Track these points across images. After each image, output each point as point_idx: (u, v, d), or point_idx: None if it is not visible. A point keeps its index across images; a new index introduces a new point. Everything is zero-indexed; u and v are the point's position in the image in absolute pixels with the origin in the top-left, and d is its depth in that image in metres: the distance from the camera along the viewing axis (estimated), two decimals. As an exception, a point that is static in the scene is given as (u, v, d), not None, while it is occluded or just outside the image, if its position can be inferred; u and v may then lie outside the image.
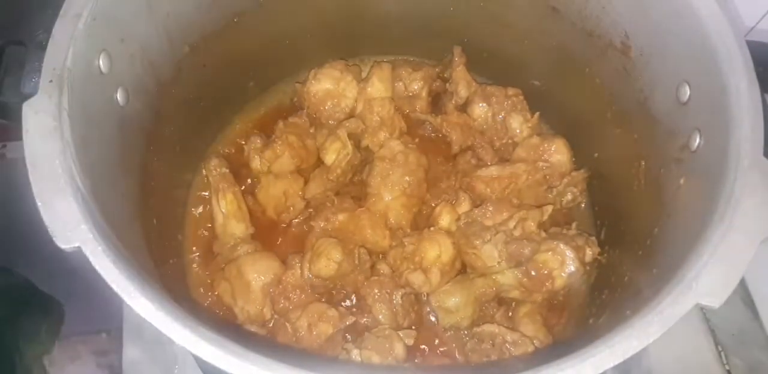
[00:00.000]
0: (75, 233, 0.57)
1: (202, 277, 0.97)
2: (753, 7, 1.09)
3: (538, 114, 1.03)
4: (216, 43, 0.92)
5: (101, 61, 0.69)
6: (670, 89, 0.76)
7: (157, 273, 0.75)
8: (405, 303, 0.90)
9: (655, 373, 1.00)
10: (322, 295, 0.91)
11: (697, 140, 0.71)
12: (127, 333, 0.99)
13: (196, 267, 0.98)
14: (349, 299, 0.93)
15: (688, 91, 0.73)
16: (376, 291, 0.89)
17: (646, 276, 0.74)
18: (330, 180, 0.97)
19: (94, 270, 0.56)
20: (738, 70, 0.66)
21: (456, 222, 0.93)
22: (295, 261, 0.91)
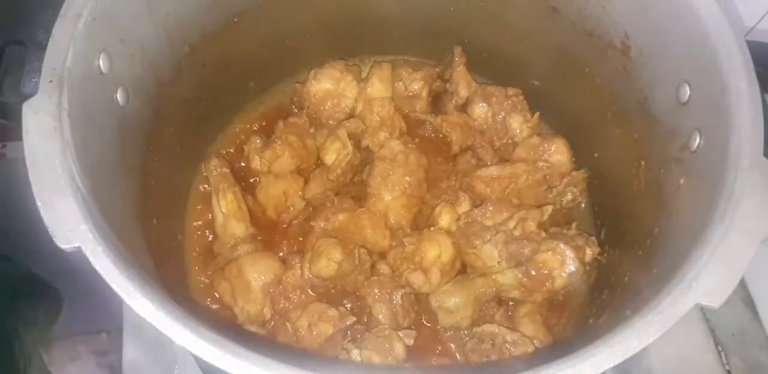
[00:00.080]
0: (75, 233, 0.57)
1: (202, 277, 0.97)
2: (753, 7, 1.10)
3: (538, 114, 1.03)
4: (216, 43, 0.92)
5: (101, 61, 0.69)
6: (670, 89, 0.76)
7: (157, 273, 0.75)
8: (405, 303, 0.90)
9: (655, 373, 1.00)
10: (322, 295, 0.91)
11: (697, 140, 0.71)
12: (127, 333, 0.99)
13: (196, 267, 0.98)
14: (349, 299, 0.93)
15: (688, 91, 0.73)
16: (376, 291, 0.89)
17: (646, 276, 0.74)
18: (330, 180, 0.97)
19: (94, 270, 0.56)
20: (738, 70, 0.66)
21: (456, 222, 0.93)
22: (295, 261, 0.91)
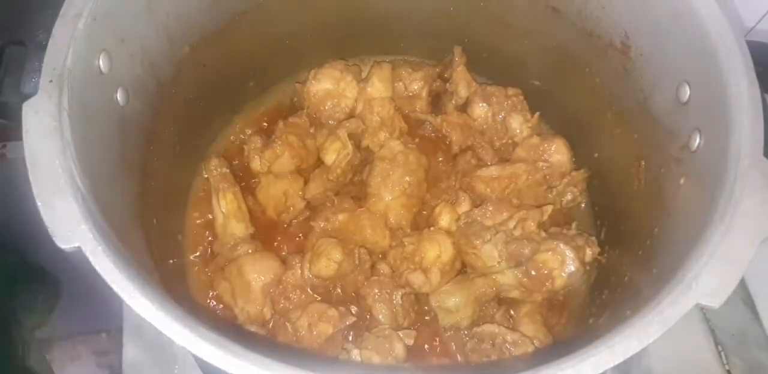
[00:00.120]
0: (75, 233, 0.57)
1: (202, 277, 0.97)
2: (753, 7, 1.10)
3: (538, 114, 1.03)
4: (216, 43, 0.92)
5: (101, 61, 0.69)
6: (670, 89, 0.76)
7: (157, 273, 0.75)
8: (405, 303, 0.90)
9: (655, 373, 1.00)
10: (322, 295, 0.91)
11: (697, 140, 0.71)
12: (127, 333, 0.99)
13: (196, 267, 0.98)
14: (349, 299, 0.93)
15: (688, 91, 0.73)
16: (376, 291, 0.89)
17: (646, 276, 0.74)
18: (330, 180, 0.97)
19: (94, 270, 0.56)
20: (738, 70, 0.66)
21: (456, 222, 0.93)
22: (295, 261, 0.91)
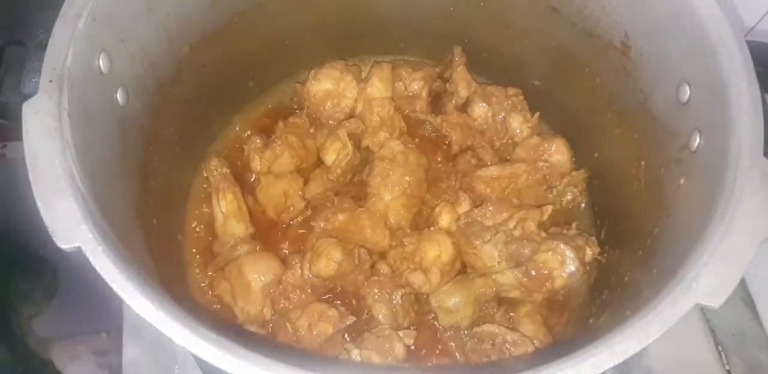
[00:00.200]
0: (75, 233, 0.57)
1: (202, 277, 0.97)
2: (753, 7, 1.10)
3: (538, 114, 1.03)
4: (216, 43, 0.92)
5: (101, 61, 0.69)
6: (670, 89, 0.76)
7: (157, 273, 0.75)
8: (405, 303, 0.90)
9: (655, 373, 1.00)
10: (322, 295, 0.91)
11: (697, 140, 0.71)
12: (127, 333, 0.98)
13: (196, 267, 0.98)
14: (349, 299, 0.93)
15: (688, 91, 0.73)
16: (376, 291, 0.89)
17: (646, 276, 0.74)
18: (330, 180, 0.97)
19: (94, 270, 0.56)
20: (738, 70, 0.66)
21: (456, 222, 0.93)
22: (295, 261, 0.91)
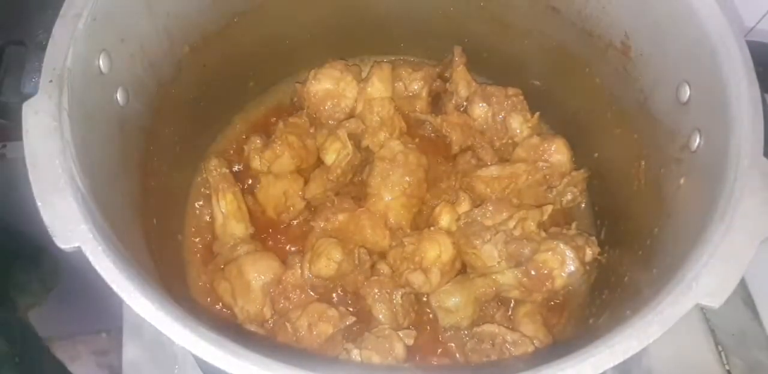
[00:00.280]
0: (75, 233, 0.57)
1: (202, 277, 0.97)
2: (753, 7, 1.10)
3: (538, 114, 1.03)
4: (216, 43, 0.92)
5: (101, 61, 0.69)
6: (670, 89, 0.76)
7: (157, 273, 0.75)
8: (405, 303, 0.90)
9: (655, 373, 1.00)
10: (322, 295, 0.91)
11: (697, 140, 0.71)
12: (127, 333, 0.99)
13: (196, 267, 0.98)
14: (349, 299, 0.93)
15: (688, 91, 0.73)
16: (376, 291, 0.89)
17: (646, 276, 0.74)
18: (330, 180, 0.97)
19: (94, 270, 0.56)
20: (738, 70, 0.66)
21: (456, 222, 0.93)
22: (295, 261, 0.91)
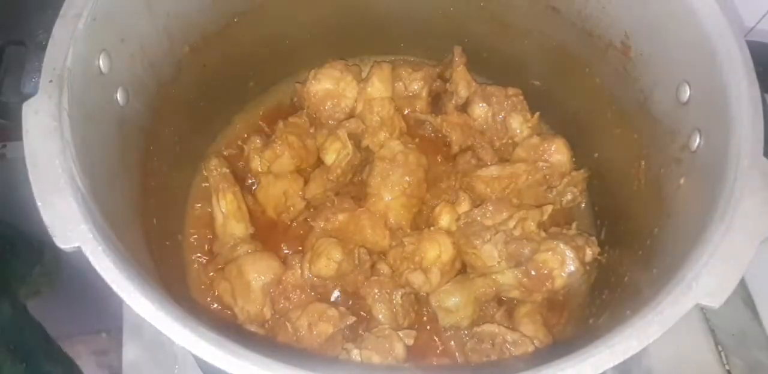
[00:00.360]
0: (75, 233, 0.57)
1: (202, 277, 0.97)
2: (753, 7, 1.10)
3: (538, 114, 1.03)
4: (216, 43, 0.92)
5: (101, 61, 0.69)
6: (670, 89, 0.76)
7: (157, 273, 0.75)
8: (405, 303, 0.90)
9: (655, 373, 1.00)
10: (322, 295, 0.91)
11: (697, 140, 0.71)
12: (127, 333, 0.99)
13: (196, 267, 0.98)
14: (349, 299, 0.93)
15: (688, 91, 0.73)
16: (376, 291, 0.89)
17: (646, 276, 0.74)
18: (330, 180, 0.97)
19: (94, 270, 0.56)
20: (738, 70, 0.66)
21: (456, 222, 0.93)
22: (295, 261, 0.91)
